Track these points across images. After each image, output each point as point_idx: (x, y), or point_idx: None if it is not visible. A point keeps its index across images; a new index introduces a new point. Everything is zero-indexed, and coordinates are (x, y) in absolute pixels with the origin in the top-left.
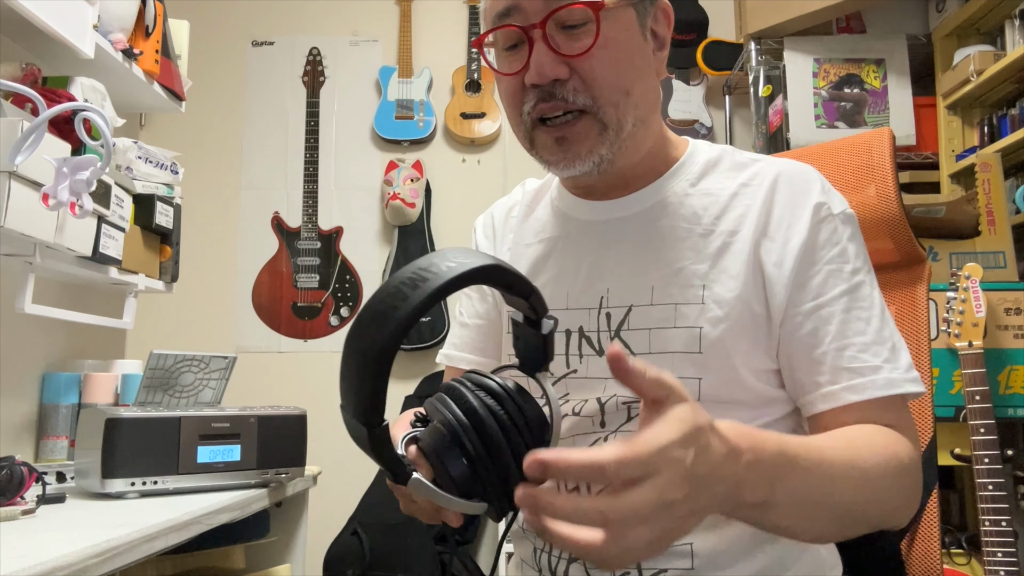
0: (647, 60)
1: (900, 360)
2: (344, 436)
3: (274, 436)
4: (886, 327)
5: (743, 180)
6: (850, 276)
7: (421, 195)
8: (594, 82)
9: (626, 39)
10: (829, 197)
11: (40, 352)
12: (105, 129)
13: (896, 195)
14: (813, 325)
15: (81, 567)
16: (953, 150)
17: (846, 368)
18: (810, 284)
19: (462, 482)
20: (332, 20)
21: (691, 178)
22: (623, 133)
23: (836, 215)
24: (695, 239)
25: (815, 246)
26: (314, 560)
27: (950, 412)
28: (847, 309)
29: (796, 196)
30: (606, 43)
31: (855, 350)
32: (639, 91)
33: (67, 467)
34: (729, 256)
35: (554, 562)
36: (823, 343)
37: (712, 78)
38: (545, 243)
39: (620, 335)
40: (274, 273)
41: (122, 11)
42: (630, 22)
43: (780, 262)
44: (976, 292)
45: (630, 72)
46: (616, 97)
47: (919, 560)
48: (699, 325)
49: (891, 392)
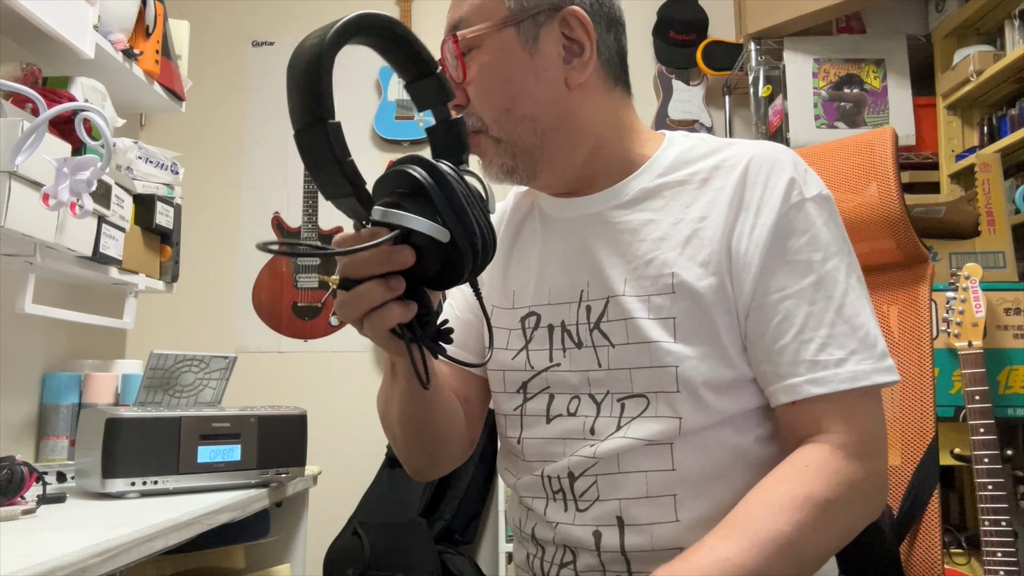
0: (534, 74)
1: (872, 349)
2: (344, 436)
3: (274, 436)
4: (858, 315)
5: (715, 163)
6: (820, 264)
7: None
8: (478, 105)
9: (499, 61)
10: (802, 179)
11: (40, 352)
12: (105, 129)
13: (898, 194)
14: (779, 316)
15: (81, 567)
16: (953, 150)
17: (809, 360)
18: (777, 274)
19: (432, 217)
20: (332, 20)
21: (662, 169)
22: (522, 145)
23: (809, 198)
24: (666, 227)
25: (784, 233)
26: (314, 560)
27: (950, 412)
28: (813, 300)
29: (767, 179)
30: (480, 68)
31: (819, 342)
32: (525, 105)
33: (67, 467)
34: (698, 242)
35: (547, 567)
36: (787, 334)
37: (712, 78)
38: (529, 241)
39: (600, 327)
40: (274, 273)
41: (122, 11)
42: (505, 43)
43: (748, 249)
44: (976, 292)
45: (507, 91)
46: (497, 115)
47: (920, 560)
48: (672, 315)
49: (856, 385)
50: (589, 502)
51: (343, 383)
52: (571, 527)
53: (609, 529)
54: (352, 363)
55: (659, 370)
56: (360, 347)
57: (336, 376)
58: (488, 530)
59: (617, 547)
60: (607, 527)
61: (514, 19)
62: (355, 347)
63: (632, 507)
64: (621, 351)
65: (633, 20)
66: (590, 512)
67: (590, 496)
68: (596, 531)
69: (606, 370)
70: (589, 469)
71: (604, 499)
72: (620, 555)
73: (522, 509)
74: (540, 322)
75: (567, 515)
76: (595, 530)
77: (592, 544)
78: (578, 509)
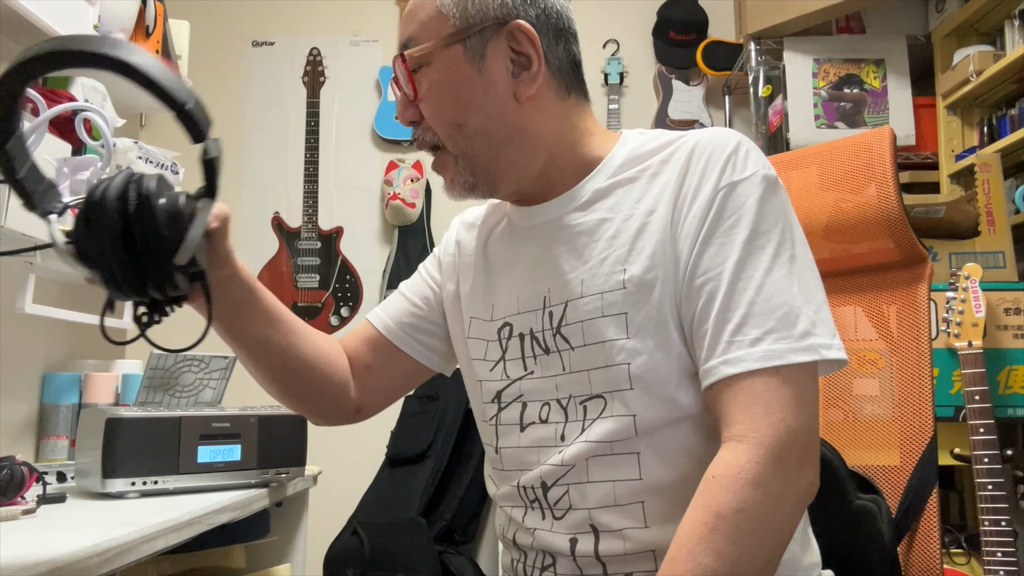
0: (483, 89)
1: (791, 328)
2: (344, 436)
3: (274, 436)
4: (780, 294)
5: (663, 158)
6: (745, 244)
7: (421, 195)
8: (432, 121)
9: (447, 78)
10: (741, 161)
11: (40, 352)
12: (105, 129)
13: (897, 194)
14: (703, 299)
15: (81, 567)
16: (953, 150)
17: (726, 341)
18: (703, 257)
19: (78, 240)
20: (332, 20)
21: (614, 168)
22: (477, 159)
23: (743, 179)
24: (618, 225)
25: (714, 216)
26: (314, 560)
27: (950, 412)
28: (735, 279)
29: (706, 165)
30: (430, 86)
31: (736, 322)
32: (476, 120)
33: (67, 467)
34: (645, 236)
35: (529, 571)
36: (709, 317)
37: (712, 78)
38: (502, 251)
39: (561, 331)
40: (274, 273)
41: (122, 11)
42: (452, 60)
43: (683, 236)
44: (976, 292)
45: (456, 107)
46: (449, 131)
47: (919, 560)
48: (624, 311)
49: (768, 364)
50: (564, 510)
51: None
52: (548, 534)
53: (585, 536)
54: None
55: (613, 369)
56: None
57: None
58: (488, 530)
59: (591, 552)
60: (583, 534)
61: (460, 36)
62: None
63: (603, 515)
64: (580, 353)
65: (633, 20)
66: (565, 520)
67: (563, 505)
68: (573, 538)
69: (568, 373)
70: (561, 479)
71: (576, 508)
72: (595, 559)
73: (504, 515)
74: (512, 331)
75: (545, 522)
76: (572, 537)
77: (568, 550)
78: (555, 517)
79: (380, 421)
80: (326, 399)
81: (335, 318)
